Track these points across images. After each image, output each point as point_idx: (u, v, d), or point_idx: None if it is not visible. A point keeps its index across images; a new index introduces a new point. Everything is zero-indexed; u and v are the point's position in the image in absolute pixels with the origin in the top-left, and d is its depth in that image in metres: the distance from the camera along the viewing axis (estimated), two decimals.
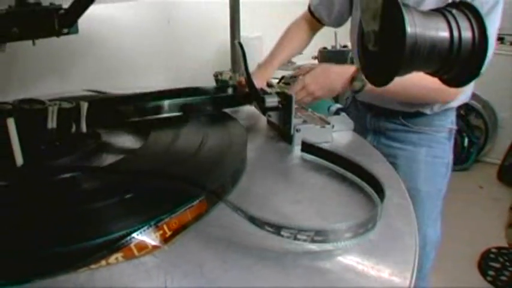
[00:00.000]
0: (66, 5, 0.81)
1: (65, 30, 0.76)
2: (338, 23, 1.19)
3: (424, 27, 0.36)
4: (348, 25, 1.20)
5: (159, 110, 0.80)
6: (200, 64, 1.99)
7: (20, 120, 0.66)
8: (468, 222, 2.16)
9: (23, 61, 1.29)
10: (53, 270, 0.43)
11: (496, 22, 0.94)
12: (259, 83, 0.97)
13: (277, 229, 0.48)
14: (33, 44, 0.75)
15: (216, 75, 1.88)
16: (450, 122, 1.13)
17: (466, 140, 2.81)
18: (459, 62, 0.37)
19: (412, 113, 1.07)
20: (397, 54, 0.35)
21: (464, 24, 0.37)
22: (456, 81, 0.40)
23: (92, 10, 0.81)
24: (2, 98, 1.18)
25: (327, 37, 1.61)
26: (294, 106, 0.80)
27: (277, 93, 0.83)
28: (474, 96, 2.90)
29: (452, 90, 0.96)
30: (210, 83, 1.94)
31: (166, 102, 0.80)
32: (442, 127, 1.11)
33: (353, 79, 0.95)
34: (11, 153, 0.64)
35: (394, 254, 0.50)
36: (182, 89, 0.95)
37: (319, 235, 0.48)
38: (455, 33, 0.37)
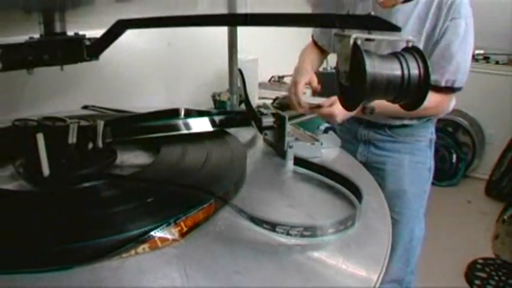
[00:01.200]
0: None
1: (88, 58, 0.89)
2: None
3: (381, 68, 0.49)
4: None
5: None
6: (198, 85, 2.12)
7: (45, 135, 0.77)
8: (456, 234, 2.29)
9: (33, 80, 1.41)
10: (91, 258, 0.54)
11: (472, 42, 1.12)
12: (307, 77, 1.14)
13: (272, 226, 0.60)
14: (61, 69, 0.87)
15: (213, 96, 2.01)
16: (430, 132, 1.30)
17: (455, 156, 2.95)
18: (410, 93, 0.50)
19: (397, 125, 1.25)
20: (361, 88, 0.48)
21: (413, 64, 0.50)
22: (410, 106, 0.53)
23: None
24: (14, 114, 1.31)
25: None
26: (287, 125, 0.93)
27: (273, 114, 0.96)
28: (461, 113, 3.06)
29: (447, 107, 1.18)
30: (207, 103, 2.07)
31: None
32: (423, 137, 1.28)
33: (364, 108, 1.08)
34: (37, 165, 0.75)
35: (369, 248, 0.62)
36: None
37: (307, 230, 0.60)
38: (406, 72, 0.50)
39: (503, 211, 2.33)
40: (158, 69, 1.93)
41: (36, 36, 0.89)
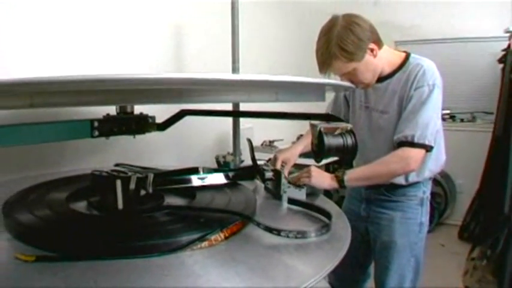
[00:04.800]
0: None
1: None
2: None
3: (333, 141, 1.01)
4: None
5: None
6: (204, 149, 2.63)
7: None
8: (430, 272, 2.72)
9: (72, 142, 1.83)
10: (175, 249, 1.00)
11: (435, 104, 1.44)
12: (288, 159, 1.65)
13: (278, 232, 1.08)
14: (134, 137, 1.37)
15: (217, 158, 2.52)
16: (422, 192, 1.64)
17: None
18: (348, 153, 1.02)
19: (389, 185, 1.60)
20: (323, 151, 1.00)
21: (349, 139, 1.03)
22: (349, 161, 1.05)
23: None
24: (56, 168, 1.75)
25: (305, 125, 2.25)
26: (283, 178, 1.43)
27: (272, 170, 1.47)
28: None
29: (412, 161, 1.46)
30: (211, 162, 2.57)
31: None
32: (414, 197, 1.62)
33: (337, 176, 1.47)
34: (113, 201, 1.21)
35: (336, 244, 1.10)
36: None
37: (300, 234, 1.08)
38: (345, 142, 1.02)
39: (471, 250, 2.81)
40: (171, 136, 2.43)
41: (112, 113, 1.39)
